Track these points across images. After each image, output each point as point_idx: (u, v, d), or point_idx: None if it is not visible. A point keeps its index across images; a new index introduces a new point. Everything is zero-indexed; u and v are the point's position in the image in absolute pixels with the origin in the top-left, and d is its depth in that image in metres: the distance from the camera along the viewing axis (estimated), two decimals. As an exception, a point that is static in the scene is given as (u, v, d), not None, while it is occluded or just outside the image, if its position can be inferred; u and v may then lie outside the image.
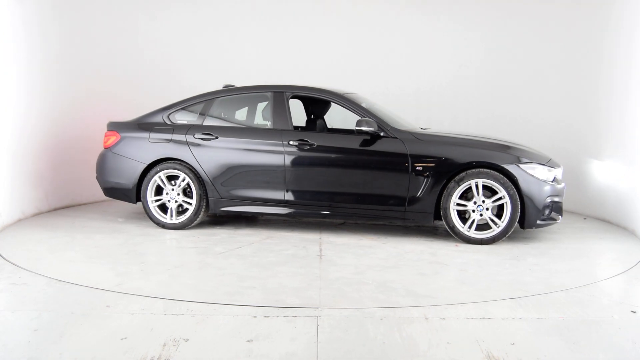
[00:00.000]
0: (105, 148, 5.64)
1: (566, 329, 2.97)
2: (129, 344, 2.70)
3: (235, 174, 5.25)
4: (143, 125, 5.60)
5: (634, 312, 3.25)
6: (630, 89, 5.59)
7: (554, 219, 4.94)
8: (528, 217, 4.78)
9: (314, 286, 3.66)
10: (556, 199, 4.87)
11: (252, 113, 5.61)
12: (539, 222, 4.81)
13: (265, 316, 3.10)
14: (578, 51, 6.59)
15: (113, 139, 5.59)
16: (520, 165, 4.79)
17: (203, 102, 5.56)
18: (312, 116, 6.07)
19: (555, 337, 2.87)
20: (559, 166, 5.14)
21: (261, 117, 5.59)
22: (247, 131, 5.39)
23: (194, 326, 2.94)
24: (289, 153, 5.12)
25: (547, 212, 4.82)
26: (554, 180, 4.94)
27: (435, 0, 7.70)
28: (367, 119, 5.00)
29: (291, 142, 5.13)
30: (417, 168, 4.88)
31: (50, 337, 2.80)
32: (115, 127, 5.67)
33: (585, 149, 6.44)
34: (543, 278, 3.92)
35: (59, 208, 6.36)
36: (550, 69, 6.97)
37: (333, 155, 5.12)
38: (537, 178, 4.78)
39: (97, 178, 5.73)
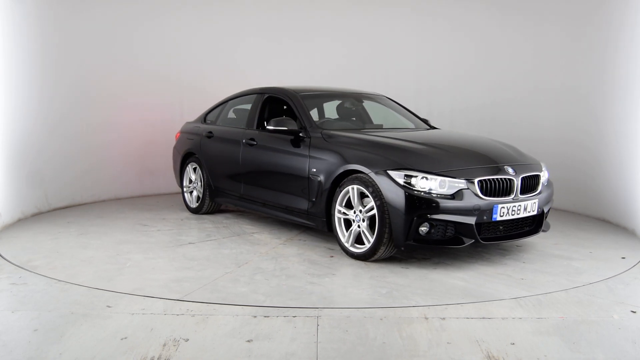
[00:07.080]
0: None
1: (566, 329, 2.98)
2: (129, 344, 2.70)
3: (218, 167, 5.78)
4: (191, 124, 6.45)
5: (634, 312, 3.25)
6: (632, 90, 5.59)
7: (458, 241, 3.95)
8: (394, 234, 3.95)
9: (83, 263, 4.13)
10: (448, 218, 3.86)
11: (249, 113, 5.66)
12: (409, 242, 3.91)
13: (265, 316, 3.10)
14: (579, 51, 6.59)
15: (177, 136, 6.57)
16: (390, 172, 3.96)
17: (222, 104, 6.21)
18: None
19: (555, 337, 2.87)
20: (503, 173, 4.09)
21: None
22: (228, 130, 5.78)
23: (194, 326, 2.94)
24: (243, 151, 5.40)
25: (424, 230, 3.89)
26: (456, 194, 3.88)
27: (435, 2, 7.72)
28: (284, 118, 4.91)
29: (244, 141, 5.39)
30: (312, 170, 4.58)
31: (50, 337, 2.80)
32: (182, 126, 6.63)
33: (586, 148, 6.43)
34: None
35: (59, 208, 6.36)
36: (551, 71, 6.96)
37: (265, 154, 5.14)
38: (411, 189, 3.87)
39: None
